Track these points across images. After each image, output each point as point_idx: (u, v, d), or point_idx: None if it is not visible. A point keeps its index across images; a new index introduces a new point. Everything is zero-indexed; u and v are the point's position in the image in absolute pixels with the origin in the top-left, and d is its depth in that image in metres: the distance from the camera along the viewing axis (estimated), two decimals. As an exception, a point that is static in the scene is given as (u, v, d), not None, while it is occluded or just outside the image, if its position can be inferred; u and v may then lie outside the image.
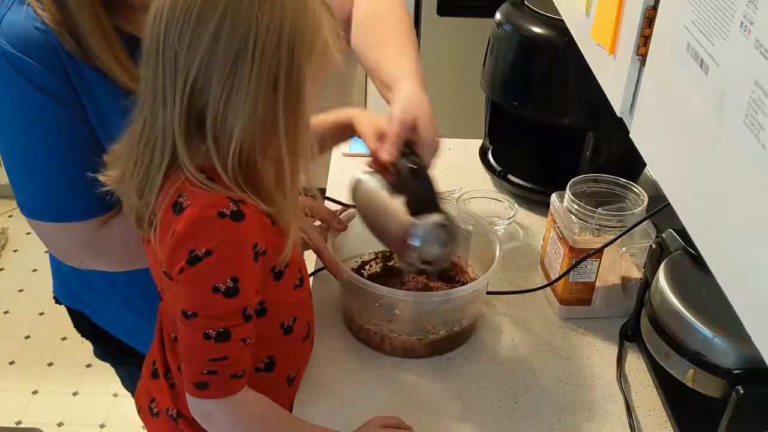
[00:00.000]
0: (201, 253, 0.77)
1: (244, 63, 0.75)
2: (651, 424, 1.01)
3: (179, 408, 0.96)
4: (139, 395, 1.05)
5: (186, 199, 0.78)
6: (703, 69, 0.58)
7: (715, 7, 0.56)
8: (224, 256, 0.78)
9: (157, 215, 0.80)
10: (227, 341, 0.80)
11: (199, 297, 0.79)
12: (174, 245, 0.78)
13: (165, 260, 0.80)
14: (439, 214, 0.98)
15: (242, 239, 0.79)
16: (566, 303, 1.16)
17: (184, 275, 0.78)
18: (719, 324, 0.89)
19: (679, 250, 1.00)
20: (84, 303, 1.24)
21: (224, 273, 0.78)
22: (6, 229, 2.91)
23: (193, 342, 0.81)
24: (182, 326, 0.81)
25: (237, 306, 0.80)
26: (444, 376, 1.07)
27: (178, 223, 0.78)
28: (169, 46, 0.75)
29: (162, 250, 0.80)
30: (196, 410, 0.85)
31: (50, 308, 2.59)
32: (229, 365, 0.81)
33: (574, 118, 1.33)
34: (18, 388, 2.29)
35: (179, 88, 0.76)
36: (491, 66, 1.40)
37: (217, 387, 0.82)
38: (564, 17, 1.07)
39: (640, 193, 1.16)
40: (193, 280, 0.78)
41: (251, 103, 0.76)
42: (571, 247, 1.11)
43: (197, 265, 0.77)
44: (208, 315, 0.79)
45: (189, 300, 0.80)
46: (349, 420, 0.99)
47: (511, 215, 1.36)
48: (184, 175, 0.79)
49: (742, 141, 0.51)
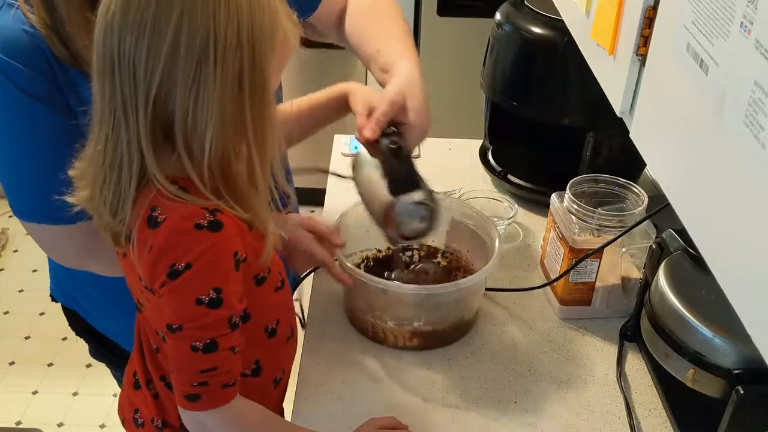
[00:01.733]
0: (181, 266, 0.76)
1: (207, 66, 0.73)
2: (651, 424, 1.01)
3: (164, 417, 0.95)
4: (122, 406, 1.04)
5: (160, 213, 0.77)
6: (703, 69, 0.58)
7: (715, 7, 0.56)
8: (204, 268, 0.77)
9: (133, 230, 0.79)
10: (215, 351, 0.79)
11: (183, 310, 0.78)
12: (153, 260, 0.77)
13: (145, 275, 0.80)
14: (418, 192, 0.99)
15: (222, 249, 0.78)
16: (566, 303, 1.16)
17: (167, 289, 0.77)
18: (719, 324, 0.89)
19: (679, 250, 1.00)
20: (78, 304, 1.25)
21: (206, 284, 0.77)
22: (6, 229, 2.91)
23: (181, 354, 0.80)
24: (169, 339, 0.80)
25: (222, 316, 0.79)
26: (444, 375, 1.07)
27: (155, 238, 0.76)
28: (126, 59, 0.73)
29: (141, 265, 0.79)
30: (189, 422, 0.85)
31: (50, 308, 2.59)
32: (220, 375, 0.81)
33: (574, 118, 1.33)
34: (18, 388, 2.29)
35: (141, 101, 0.74)
36: (491, 66, 1.40)
37: (209, 398, 0.81)
38: (564, 17, 1.07)
39: (640, 193, 1.16)
40: (176, 293, 0.78)
41: (219, 106, 0.74)
42: (571, 247, 1.11)
43: (178, 278, 0.76)
44: (194, 327, 0.79)
45: (173, 313, 0.79)
46: (348, 420, 0.99)
47: (511, 215, 1.36)
48: (156, 188, 0.77)
49: (742, 141, 0.51)
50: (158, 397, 0.96)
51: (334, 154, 1.58)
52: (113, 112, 0.75)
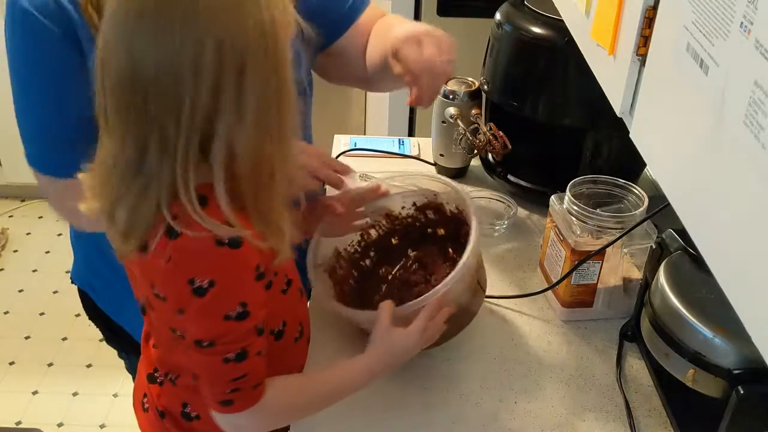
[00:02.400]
0: (204, 284, 0.76)
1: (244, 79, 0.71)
2: (651, 424, 1.01)
3: (165, 405, 0.97)
4: (137, 389, 1.06)
5: (179, 224, 0.75)
6: (703, 69, 0.58)
7: (715, 7, 0.56)
8: (229, 285, 0.77)
9: (152, 238, 0.77)
10: (246, 359, 0.81)
11: (213, 327, 0.79)
12: (170, 271, 0.77)
13: (159, 283, 0.79)
14: None
15: (243, 264, 0.77)
16: (568, 305, 1.16)
17: (194, 308, 0.77)
18: (719, 324, 0.89)
19: (679, 250, 1.00)
20: (90, 286, 1.28)
21: (232, 300, 0.78)
22: (6, 230, 2.91)
23: (213, 368, 0.82)
24: (198, 355, 0.81)
25: (249, 326, 0.80)
26: (444, 375, 1.07)
27: (175, 249, 0.75)
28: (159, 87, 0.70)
29: (155, 272, 0.79)
30: (225, 424, 0.87)
31: (50, 308, 2.60)
32: (250, 379, 0.82)
33: (574, 118, 1.33)
34: (18, 388, 2.29)
35: (185, 127, 0.71)
36: (491, 66, 1.40)
37: (241, 401, 0.83)
38: (564, 17, 1.07)
39: (640, 194, 1.16)
40: (204, 312, 0.78)
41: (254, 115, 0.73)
42: (573, 249, 1.11)
43: (204, 296, 0.76)
44: (225, 341, 0.80)
45: (204, 331, 0.79)
46: (348, 420, 0.99)
47: (511, 215, 1.36)
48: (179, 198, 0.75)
49: (742, 141, 0.51)
50: (163, 384, 0.97)
51: (334, 155, 1.58)
52: (142, 130, 0.72)
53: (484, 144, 1.35)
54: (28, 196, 3.09)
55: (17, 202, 3.09)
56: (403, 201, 1.22)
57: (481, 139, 1.36)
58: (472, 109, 1.42)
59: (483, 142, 1.35)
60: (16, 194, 3.09)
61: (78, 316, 2.52)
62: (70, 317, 2.52)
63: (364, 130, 2.67)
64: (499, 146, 1.33)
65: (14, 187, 3.04)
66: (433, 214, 1.23)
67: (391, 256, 1.21)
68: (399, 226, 1.24)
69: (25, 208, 3.08)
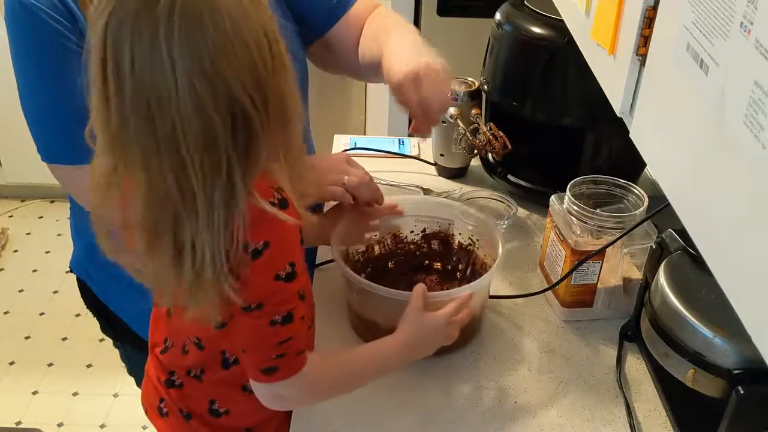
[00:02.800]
0: (260, 246, 0.77)
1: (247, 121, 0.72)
2: (651, 424, 1.01)
3: (190, 407, 0.97)
4: (146, 394, 1.06)
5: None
6: (703, 69, 0.58)
7: (715, 7, 0.56)
8: (281, 244, 0.80)
9: None
10: (291, 322, 0.83)
11: (264, 287, 0.81)
12: None
13: None
14: None
15: (290, 226, 0.80)
16: (568, 305, 1.16)
17: (249, 270, 0.78)
18: (719, 324, 0.89)
19: (679, 250, 1.00)
20: (90, 276, 1.28)
21: (283, 260, 0.80)
22: (6, 229, 2.91)
23: (259, 332, 0.83)
24: (245, 319, 0.82)
25: (295, 288, 0.82)
26: (444, 376, 1.07)
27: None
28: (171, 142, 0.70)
29: None
30: (267, 395, 0.88)
31: (50, 308, 2.60)
32: (295, 343, 0.84)
33: (574, 118, 1.33)
34: (18, 388, 2.29)
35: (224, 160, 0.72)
36: (491, 66, 1.40)
37: (285, 367, 0.85)
38: (564, 17, 1.07)
39: (640, 194, 1.16)
40: (258, 271, 0.79)
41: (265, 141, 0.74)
42: (573, 249, 1.11)
43: (260, 258, 0.78)
44: (273, 302, 0.81)
45: (254, 293, 0.80)
46: (348, 420, 0.99)
47: (510, 215, 1.36)
48: None
49: (742, 141, 0.51)
50: (183, 386, 0.97)
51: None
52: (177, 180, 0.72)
53: (484, 144, 1.36)
54: (28, 196, 3.10)
55: (17, 202, 3.10)
56: (414, 225, 1.25)
57: (481, 139, 1.36)
58: (472, 109, 1.42)
59: (483, 142, 1.36)
60: (16, 194, 3.10)
61: (78, 316, 2.53)
62: (70, 317, 2.53)
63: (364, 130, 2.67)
64: (499, 146, 1.33)
65: (14, 187, 3.04)
66: (438, 245, 1.25)
67: (382, 277, 1.20)
68: (400, 250, 1.25)
69: (25, 208, 3.08)
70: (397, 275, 1.23)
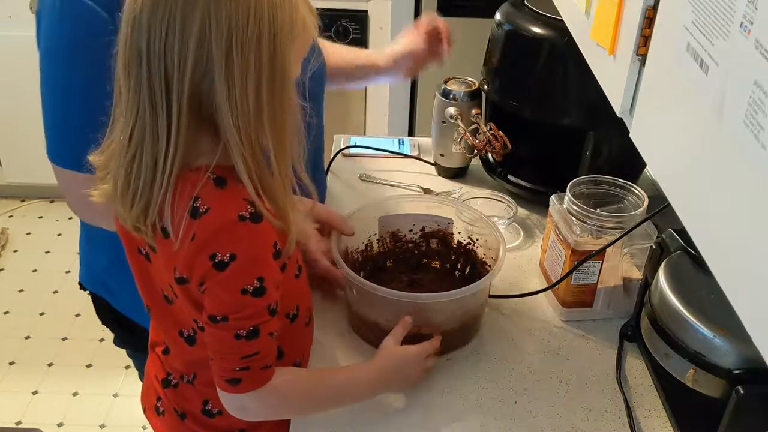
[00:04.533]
0: (226, 258, 0.78)
1: (232, 58, 0.74)
2: (651, 424, 1.01)
3: (185, 406, 0.98)
4: (146, 394, 1.06)
5: (202, 203, 0.78)
6: (703, 69, 0.58)
7: (715, 8, 0.56)
8: (249, 259, 0.79)
9: (167, 221, 0.79)
10: (257, 338, 0.82)
11: (229, 301, 0.81)
12: (195, 249, 0.78)
13: (182, 265, 0.80)
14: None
15: (263, 240, 0.80)
16: (568, 305, 1.16)
17: (213, 281, 0.79)
18: (719, 324, 0.89)
19: (679, 250, 1.00)
20: (106, 288, 1.27)
21: (251, 274, 0.80)
22: (6, 230, 2.91)
23: (224, 343, 0.83)
24: (211, 329, 0.83)
25: (264, 304, 0.82)
26: (444, 375, 1.07)
27: (198, 228, 0.78)
28: (155, 54, 0.74)
29: (179, 255, 0.80)
30: (231, 405, 0.88)
31: (50, 308, 2.60)
32: (260, 359, 0.84)
33: (574, 118, 1.33)
34: (18, 388, 2.29)
35: (175, 95, 0.75)
36: (491, 66, 1.40)
37: (249, 380, 0.85)
38: (564, 17, 1.07)
39: (640, 194, 1.16)
40: (223, 285, 0.79)
41: (240, 96, 0.76)
42: (573, 249, 1.11)
43: (225, 270, 0.78)
44: (239, 317, 0.81)
45: (219, 305, 0.81)
46: (349, 420, 0.99)
47: (511, 215, 1.36)
48: (193, 179, 0.78)
49: (742, 141, 0.51)
50: (177, 386, 0.98)
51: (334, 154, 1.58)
52: (142, 106, 0.76)
53: (484, 144, 1.36)
54: (28, 196, 3.10)
55: (17, 202, 3.10)
56: (413, 224, 1.24)
57: (481, 140, 1.36)
58: (472, 109, 1.42)
59: (483, 142, 1.36)
60: (16, 194, 3.09)
61: (78, 316, 2.53)
62: (70, 317, 2.52)
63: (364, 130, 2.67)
64: (499, 146, 1.33)
65: (14, 187, 3.04)
66: (437, 244, 1.25)
67: (381, 276, 1.21)
68: (399, 249, 1.25)
69: (25, 208, 3.08)
70: (396, 274, 1.23)
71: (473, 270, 1.22)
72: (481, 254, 1.21)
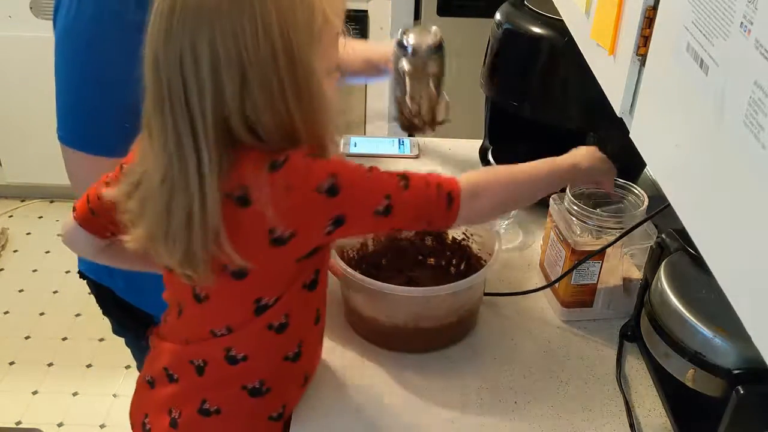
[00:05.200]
0: (327, 182, 0.79)
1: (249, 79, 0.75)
2: (651, 424, 1.01)
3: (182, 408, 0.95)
4: (137, 409, 1.05)
5: (277, 157, 0.78)
6: (703, 69, 0.58)
7: (715, 7, 0.56)
8: (345, 174, 0.81)
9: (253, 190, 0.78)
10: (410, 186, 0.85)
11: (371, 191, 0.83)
12: (297, 196, 0.79)
13: (285, 218, 0.79)
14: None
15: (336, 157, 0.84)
16: (568, 305, 1.16)
17: (342, 206, 0.80)
18: (719, 324, 0.89)
19: (679, 250, 1.00)
20: (107, 272, 1.26)
21: (358, 169, 0.83)
22: (6, 230, 2.91)
23: (415, 203, 0.85)
24: (388, 219, 0.84)
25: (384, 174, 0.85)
26: (444, 375, 1.07)
27: (285, 177, 0.78)
28: (175, 93, 0.76)
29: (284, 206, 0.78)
30: (465, 208, 0.89)
31: (50, 308, 2.60)
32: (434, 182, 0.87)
33: (574, 118, 1.33)
34: (18, 388, 2.29)
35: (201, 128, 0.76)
36: (491, 66, 1.40)
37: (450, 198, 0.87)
38: (564, 17, 1.07)
39: (640, 194, 1.16)
40: (353, 198, 0.81)
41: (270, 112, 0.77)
42: (573, 249, 1.11)
43: (339, 192, 0.80)
44: (385, 192, 0.83)
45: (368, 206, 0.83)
46: (347, 420, 0.99)
47: (511, 215, 1.36)
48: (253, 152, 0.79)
49: (742, 141, 0.51)
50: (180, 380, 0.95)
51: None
52: (172, 145, 0.77)
53: (412, 114, 1.13)
54: (28, 196, 3.10)
55: (17, 202, 3.10)
56: None
57: (412, 107, 1.12)
58: (431, 67, 1.16)
59: (413, 110, 1.12)
60: (16, 194, 3.10)
61: (78, 316, 2.52)
62: (70, 317, 2.52)
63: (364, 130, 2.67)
64: (428, 117, 1.14)
65: (14, 187, 3.04)
66: (432, 241, 1.25)
67: (376, 274, 1.20)
68: (394, 247, 1.25)
69: (25, 208, 3.08)
70: (392, 272, 1.23)
71: (468, 265, 1.22)
72: (476, 249, 1.21)
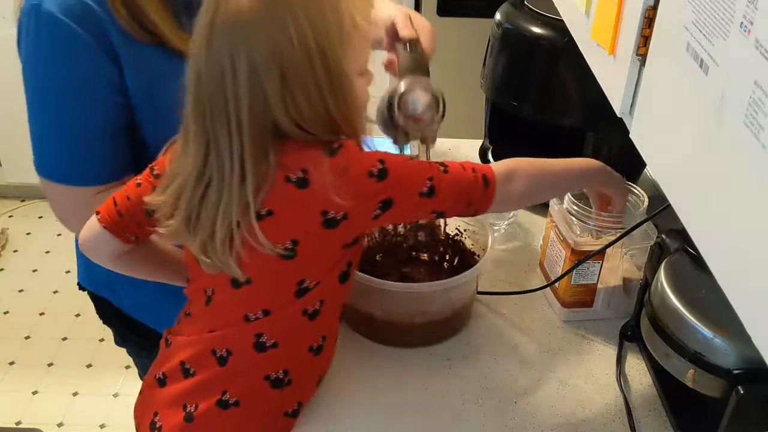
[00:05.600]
0: (378, 166, 0.83)
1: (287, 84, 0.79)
2: (651, 424, 1.01)
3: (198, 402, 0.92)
4: (138, 411, 1.04)
5: (336, 143, 0.82)
6: (703, 69, 0.58)
7: (715, 7, 0.56)
8: (392, 158, 0.86)
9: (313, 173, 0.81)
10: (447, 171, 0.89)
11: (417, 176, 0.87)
12: (352, 177, 0.82)
13: (342, 198, 0.81)
14: (427, 78, 1.04)
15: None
16: (568, 305, 1.16)
17: (391, 189, 0.84)
18: (719, 324, 0.89)
19: (679, 250, 1.00)
20: (107, 287, 1.26)
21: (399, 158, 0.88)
22: (6, 230, 2.91)
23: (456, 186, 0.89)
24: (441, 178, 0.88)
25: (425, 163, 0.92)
26: (444, 375, 1.07)
27: (341, 161, 0.82)
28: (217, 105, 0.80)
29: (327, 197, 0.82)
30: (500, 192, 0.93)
31: (50, 308, 2.60)
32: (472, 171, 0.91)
33: (574, 118, 1.33)
34: (18, 388, 2.29)
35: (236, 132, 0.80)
36: (491, 66, 1.40)
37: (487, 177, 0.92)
38: (564, 17, 1.07)
39: (640, 194, 1.16)
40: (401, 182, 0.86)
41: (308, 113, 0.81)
42: (573, 249, 1.11)
43: (388, 174, 0.84)
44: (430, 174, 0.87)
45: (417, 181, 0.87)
46: (347, 420, 0.99)
47: (511, 215, 1.36)
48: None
49: (742, 141, 0.51)
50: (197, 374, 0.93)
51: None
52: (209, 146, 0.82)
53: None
54: (28, 196, 3.10)
55: (17, 202, 3.10)
56: None
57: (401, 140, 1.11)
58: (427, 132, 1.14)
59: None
60: (16, 194, 3.10)
61: (78, 316, 2.53)
62: (70, 317, 2.53)
63: (364, 130, 2.67)
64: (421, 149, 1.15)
65: (14, 187, 3.04)
66: (425, 236, 1.25)
67: (371, 270, 1.20)
68: (387, 243, 1.25)
69: (25, 208, 3.08)
70: (386, 268, 1.23)
71: (462, 260, 1.22)
72: (470, 245, 1.21)
